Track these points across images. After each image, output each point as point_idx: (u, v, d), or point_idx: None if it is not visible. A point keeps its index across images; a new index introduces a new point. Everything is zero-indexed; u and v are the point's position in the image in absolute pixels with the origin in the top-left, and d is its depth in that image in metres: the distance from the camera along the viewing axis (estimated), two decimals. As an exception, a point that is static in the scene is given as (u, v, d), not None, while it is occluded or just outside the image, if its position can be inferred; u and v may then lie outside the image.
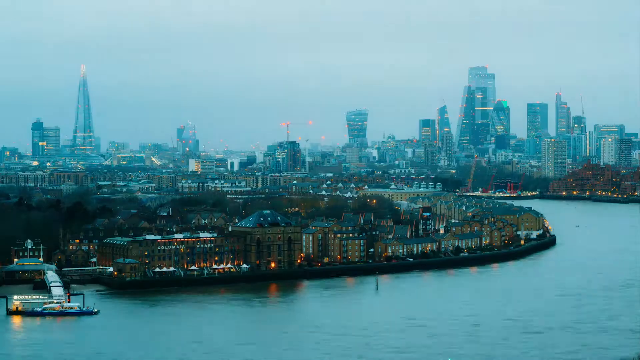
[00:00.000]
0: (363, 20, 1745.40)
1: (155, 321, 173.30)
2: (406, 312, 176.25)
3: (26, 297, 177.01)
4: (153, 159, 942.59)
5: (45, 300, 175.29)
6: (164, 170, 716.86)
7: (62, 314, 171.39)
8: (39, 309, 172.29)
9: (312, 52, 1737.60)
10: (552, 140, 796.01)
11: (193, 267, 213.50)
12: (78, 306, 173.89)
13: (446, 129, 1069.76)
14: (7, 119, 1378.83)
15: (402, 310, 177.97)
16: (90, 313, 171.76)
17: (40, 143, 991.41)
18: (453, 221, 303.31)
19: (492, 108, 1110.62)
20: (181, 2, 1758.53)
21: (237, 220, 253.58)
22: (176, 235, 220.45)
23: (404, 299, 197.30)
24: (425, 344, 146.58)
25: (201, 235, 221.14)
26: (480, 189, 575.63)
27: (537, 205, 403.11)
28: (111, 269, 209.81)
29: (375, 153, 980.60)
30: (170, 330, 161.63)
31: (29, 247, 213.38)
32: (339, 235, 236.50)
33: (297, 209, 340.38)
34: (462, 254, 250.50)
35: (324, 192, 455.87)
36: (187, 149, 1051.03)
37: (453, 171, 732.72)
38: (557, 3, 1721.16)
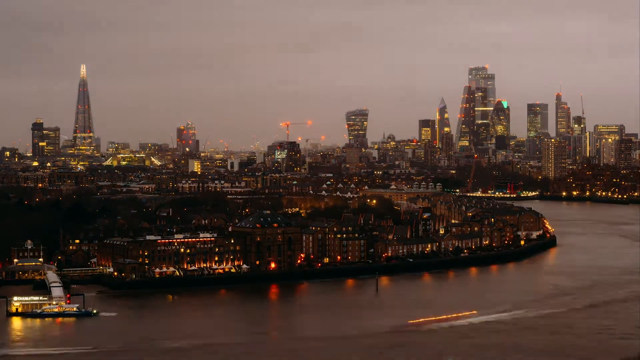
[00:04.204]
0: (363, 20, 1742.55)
1: (154, 322, 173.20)
2: (406, 312, 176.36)
3: (26, 298, 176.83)
4: (153, 159, 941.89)
5: (45, 302, 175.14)
6: (164, 171, 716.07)
7: (61, 315, 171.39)
8: (38, 311, 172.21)
9: (312, 52, 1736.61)
10: (552, 140, 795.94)
11: (193, 268, 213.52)
12: (77, 307, 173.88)
13: (446, 129, 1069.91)
14: (7, 119, 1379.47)
15: (402, 311, 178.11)
16: (89, 314, 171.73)
17: (40, 143, 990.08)
18: (453, 221, 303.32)
19: (492, 108, 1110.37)
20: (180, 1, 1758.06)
21: (237, 220, 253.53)
22: (176, 236, 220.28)
23: (404, 299, 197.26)
24: (424, 345, 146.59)
25: (201, 235, 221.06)
26: (480, 189, 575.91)
27: (537, 205, 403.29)
28: (111, 270, 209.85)
29: (375, 153, 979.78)
30: (170, 331, 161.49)
31: (29, 247, 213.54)
32: (339, 236, 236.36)
33: (297, 209, 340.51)
34: (462, 255, 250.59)
35: (324, 193, 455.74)
36: (187, 149, 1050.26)
37: (453, 171, 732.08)
38: (557, 2, 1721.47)
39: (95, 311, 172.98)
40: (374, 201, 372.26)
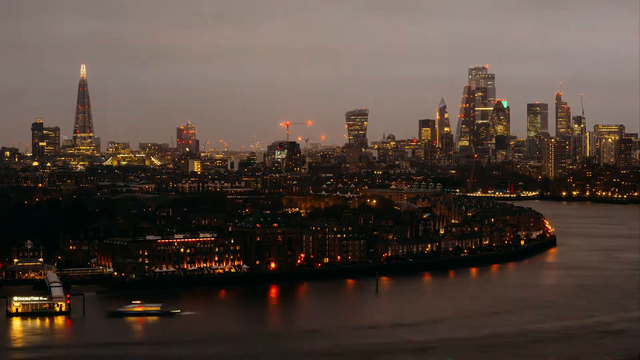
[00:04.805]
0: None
1: (154, 322, 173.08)
2: (406, 312, 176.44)
3: (26, 298, 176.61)
4: (153, 159, 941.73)
5: (45, 302, 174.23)
6: (164, 171, 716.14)
7: (143, 314, 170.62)
8: (120, 309, 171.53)
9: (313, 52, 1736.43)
10: (552, 140, 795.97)
11: (193, 268, 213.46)
12: (160, 307, 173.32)
13: (446, 129, 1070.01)
14: (7, 119, 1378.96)
15: (403, 312, 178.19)
16: (171, 314, 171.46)
17: (40, 143, 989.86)
18: (453, 221, 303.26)
19: (492, 108, 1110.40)
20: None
21: (237, 220, 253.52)
22: (176, 236, 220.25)
23: (404, 300, 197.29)
24: (424, 345, 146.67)
25: (201, 235, 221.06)
26: (480, 189, 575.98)
27: (537, 205, 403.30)
28: (111, 270, 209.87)
29: (375, 153, 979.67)
30: (170, 331, 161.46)
31: (29, 247, 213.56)
32: (339, 236, 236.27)
33: (297, 209, 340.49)
34: (462, 255, 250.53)
35: (324, 192, 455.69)
36: (187, 149, 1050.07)
37: (453, 171, 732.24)
38: (558, 2, 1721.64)
39: (177, 310, 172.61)
40: (374, 201, 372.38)
